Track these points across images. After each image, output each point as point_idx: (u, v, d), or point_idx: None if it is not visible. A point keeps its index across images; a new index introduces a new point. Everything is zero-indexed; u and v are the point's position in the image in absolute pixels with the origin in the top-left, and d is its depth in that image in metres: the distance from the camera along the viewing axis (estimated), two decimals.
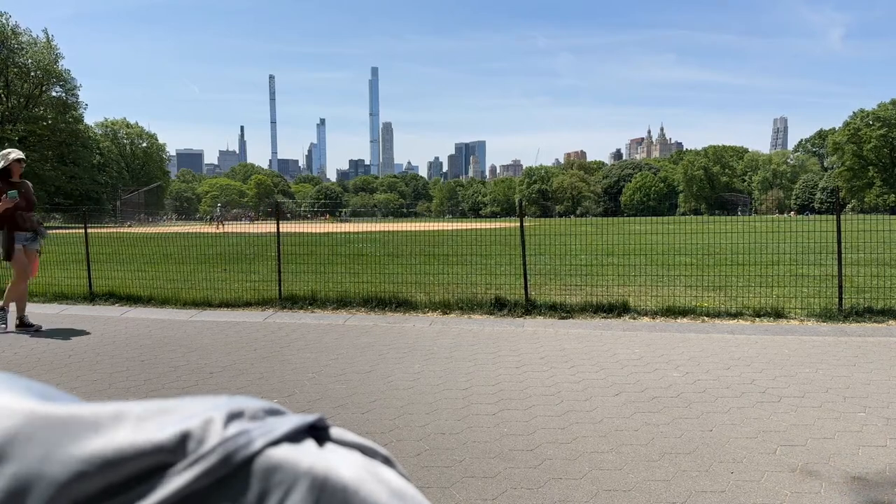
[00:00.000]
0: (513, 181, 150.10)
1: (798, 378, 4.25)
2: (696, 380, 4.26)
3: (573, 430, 3.34)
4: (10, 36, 56.27)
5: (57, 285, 8.58)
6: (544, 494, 2.62)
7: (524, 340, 5.49)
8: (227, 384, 4.35)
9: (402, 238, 10.33)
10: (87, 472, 0.32)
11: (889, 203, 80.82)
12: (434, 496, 2.61)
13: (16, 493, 0.32)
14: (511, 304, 6.88)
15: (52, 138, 58.82)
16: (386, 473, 0.35)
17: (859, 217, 9.29)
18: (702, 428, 3.36)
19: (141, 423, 0.34)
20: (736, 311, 6.41)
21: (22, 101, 58.23)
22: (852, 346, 5.08)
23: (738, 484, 2.70)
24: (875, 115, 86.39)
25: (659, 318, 6.39)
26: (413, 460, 2.97)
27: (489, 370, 4.57)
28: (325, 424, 0.37)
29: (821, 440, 3.17)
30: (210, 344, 5.59)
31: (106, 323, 6.74)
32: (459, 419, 3.53)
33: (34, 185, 11.16)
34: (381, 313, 6.96)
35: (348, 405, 3.81)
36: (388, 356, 5.03)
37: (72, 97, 62.33)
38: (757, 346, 5.23)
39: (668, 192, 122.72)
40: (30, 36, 58.38)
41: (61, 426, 0.33)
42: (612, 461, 2.94)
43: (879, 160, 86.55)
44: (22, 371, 4.75)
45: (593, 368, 4.58)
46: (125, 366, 4.86)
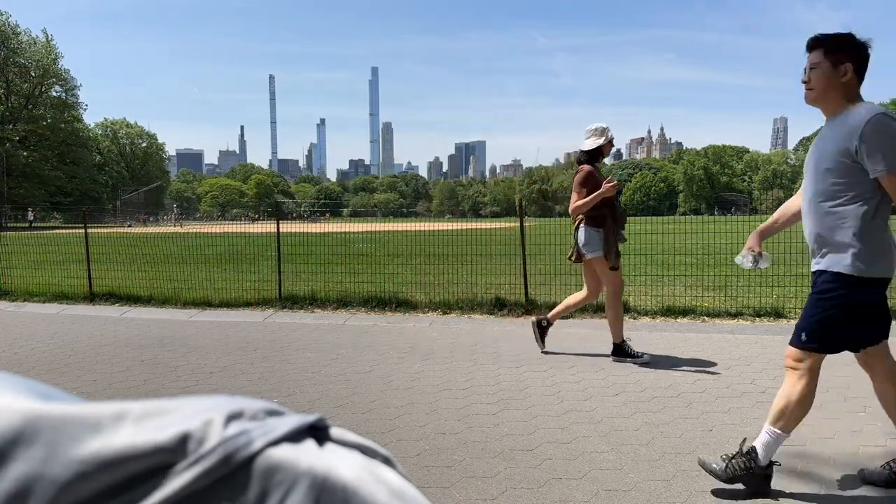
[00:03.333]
0: (513, 181, 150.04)
1: None
2: (696, 380, 4.26)
3: (573, 430, 3.34)
4: (11, 35, 56.25)
5: (57, 285, 8.58)
6: (544, 494, 2.62)
7: (524, 340, 5.49)
8: (227, 384, 4.35)
9: (402, 238, 10.33)
10: (87, 473, 0.32)
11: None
12: (434, 496, 2.61)
13: (17, 494, 0.32)
14: (511, 304, 6.88)
15: (52, 138, 58.81)
16: (386, 473, 0.35)
17: None
18: (702, 428, 3.36)
19: (141, 423, 0.34)
20: (736, 311, 6.41)
21: (22, 100, 58.23)
22: None
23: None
24: None
25: (659, 318, 6.39)
26: (413, 460, 2.97)
27: (489, 370, 4.57)
28: (325, 424, 0.37)
29: (821, 440, 3.17)
30: (210, 344, 5.59)
31: (106, 323, 6.74)
32: (459, 419, 3.53)
33: (34, 185, 10.75)
34: (381, 313, 6.96)
35: (348, 405, 3.81)
36: (388, 356, 5.03)
37: (71, 97, 62.35)
38: (757, 346, 5.23)
39: (668, 192, 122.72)
40: (29, 35, 58.39)
41: (62, 426, 0.33)
42: (612, 461, 2.94)
43: None
44: (22, 371, 4.75)
45: (593, 368, 4.58)
46: (125, 366, 4.86)
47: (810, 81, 2.56)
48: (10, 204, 50.60)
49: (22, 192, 55.04)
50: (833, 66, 2.50)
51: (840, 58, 2.50)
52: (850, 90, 2.52)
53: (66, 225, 38.67)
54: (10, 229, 26.33)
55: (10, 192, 54.40)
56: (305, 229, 10.74)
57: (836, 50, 2.50)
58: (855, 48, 2.51)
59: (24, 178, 56.01)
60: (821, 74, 2.52)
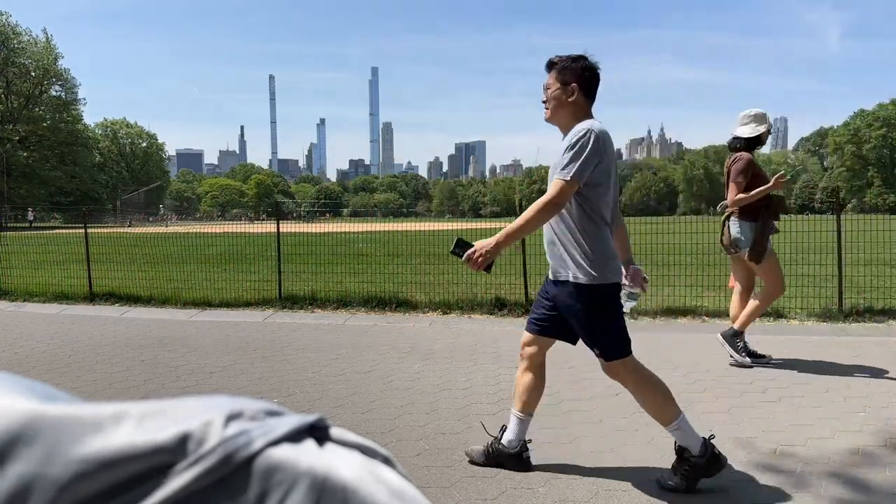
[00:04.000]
0: (513, 181, 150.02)
1: (798, 378, 4.25)
2: (696, 380, 4.26)
3: (573, 430, 3.34)
4: (11, 35, 56.23)
5: (57, 285, 8.58)
6: (544, 494, 2.62)
7: None
8: (227, 384, 4.35)
9: (402, 238, 10.33)
10: (88, 473, 0.32)
11: (889, 203, 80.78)
12: (434, 496, 2.61)
13: (18, 494, 0.32)
14: (511, 304, 6.88)
15: (52, 138, 58.78)
16: (386, 473, 0.35)
17: (859, 217, 9.27)
18: (702, 428, 3.35)
19: (141, 423, 0.34)
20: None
21: (22, 100, 58.21)
22: (852, 346, 5.08)
23: (739, 484, 2.70)
24: (875, 115, 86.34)
25: (659, 318, 6.39)
26: (413, 460, 2.97)
27: (489, 370, 4.57)
28: (325, 424, 0.37)
29: (821, 440, 3.17)
30: (210, 344, 5.59)
31: (106, 323, 6.74)
32: (459, 419, 3.53)
33: (34, 185, 10.56)
34: (381, 313, 6.96)
35: (348, 405, 3.81)
36: (388, 356, 5.03)
37: (71, 96, 62.33)
38: (757, 346, 5.22)
39: (668, 192, 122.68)
40: (29, 35, 58.37)
41: (62, 427, 0.33)
42: (612, 461, 2.94)
43: (879, 160, 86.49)
44: (22, 371, 4.75)
45: (593, 368, 4.57)
46: (125, 366, 4.86)
47: (547, 101, 2.73)
48: (9, 204, 50.58)
49: (22, 192, 55.02)
50: (562, 87, 2.67)
51: (568, 79, 2.66)
52: (579, 109, 2.68)
53: (66, 225, 38.65)
54: (10, 229, 26.34)
55: (10, 192, 54.37)
56: (305, 229, 10.74)
57: (563, 72, 2.68)
58: (580, 70, 2.66)
59: (24, 178, 55.98)
60: (553, 95, 2.70)
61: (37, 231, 22.05)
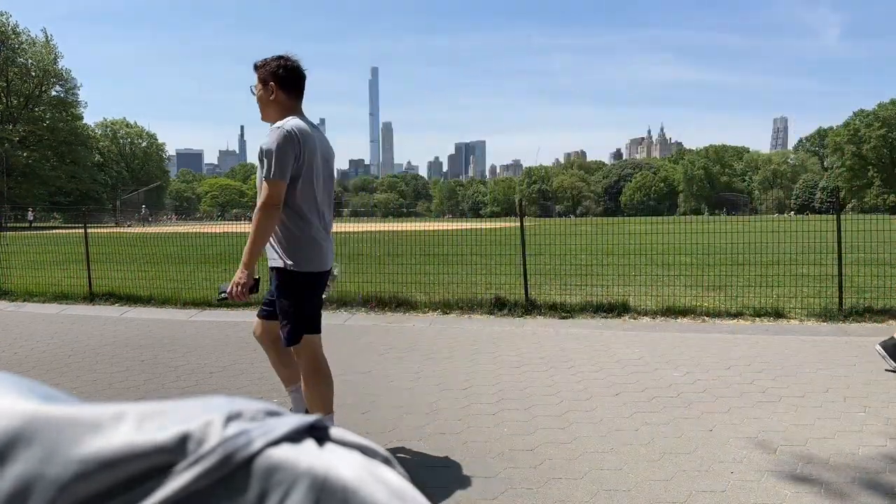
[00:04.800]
0: (513, 181, 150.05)
1: (798, 378, 4.25)
2: (696, 380, 4.26)
3: (573, 430, 3.34)
4: (11, 36, 56.23)
5: (57, 285, 8.58)
6: (544, 494, 2.62)
7: (524, 340, 5.49)
8: (227, 384, 4.35)
9: (402, 238, 10.33)
10: (88, 473, 0.32)
11: (889, 203, 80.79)
12: (434, 496, 2.61)
13: (18, 494, 0.32)
14: (511, 304, 6.88)
15: (51, 138, 58.78)
16: (386, 473, 0.35)
17: (859, 217, 9.27)
18: (702, 428, 3.36)
19: (141, 423, 0.34)
20: (736, 311, 6.41)
21: (22, 100, 58.21)
22: (852, 346, 5.08)
23: (738, 484, 2.70)
24: (875, 115, 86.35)
25: (659, 318, 6.39)
26: (413, 460, 2.97)
27: (489, 370, 4.57)
28: (325, 425, 0.37)
29: (821, 440, 3.17)
30: (210, 344, 5.59)
31: (106, 323, 6.74)
32: (459, 419, 3.53)
33: (34, 185, 10.55)
34: (381, 313, 6.96)
35: (348, 405, 3.81)
36: (387, 356, 5.03)
37: (71, 96, 62.32)
38: (757, 346, 5.23)
39: (668, 191, 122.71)
40: (29, 35, 58.37)
41: (62, 427, 0.33)
42: (612, 461, 2.94)
43: (879, 160, 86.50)
44: (22, 371, 4.75)
45: (593, 368, 4.58)
46: (125, 366, 4.86)
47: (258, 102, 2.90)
48: (9, 204, 50.55)
49: (22, 192, 54.98)
50: (264, 87, 2.84)
51: (266, 78, 2.82)
52: (284, 107, 2.83)
53: (65, 225, 38.64)
54: (10, 229, 26.32)
55: (10, 192, 54.35)
56: None
57: (262, 72, 2.84)
58: (276, 68, 2.81)
59: (24, 178, 55.95)
60: (258, 96, 2.88)
61: (37, 231, 22.05)
